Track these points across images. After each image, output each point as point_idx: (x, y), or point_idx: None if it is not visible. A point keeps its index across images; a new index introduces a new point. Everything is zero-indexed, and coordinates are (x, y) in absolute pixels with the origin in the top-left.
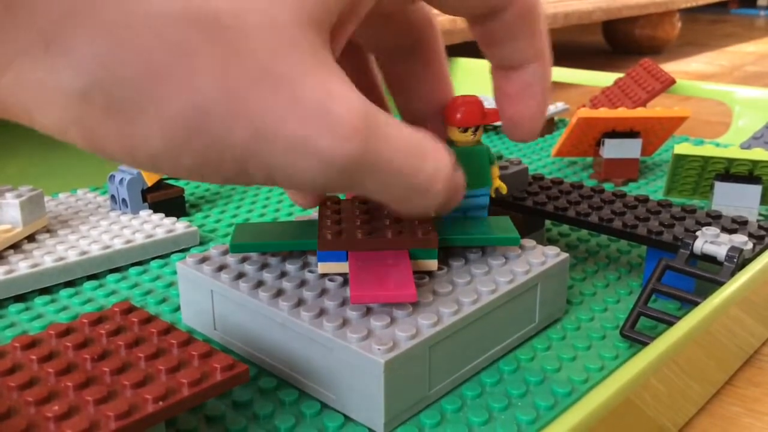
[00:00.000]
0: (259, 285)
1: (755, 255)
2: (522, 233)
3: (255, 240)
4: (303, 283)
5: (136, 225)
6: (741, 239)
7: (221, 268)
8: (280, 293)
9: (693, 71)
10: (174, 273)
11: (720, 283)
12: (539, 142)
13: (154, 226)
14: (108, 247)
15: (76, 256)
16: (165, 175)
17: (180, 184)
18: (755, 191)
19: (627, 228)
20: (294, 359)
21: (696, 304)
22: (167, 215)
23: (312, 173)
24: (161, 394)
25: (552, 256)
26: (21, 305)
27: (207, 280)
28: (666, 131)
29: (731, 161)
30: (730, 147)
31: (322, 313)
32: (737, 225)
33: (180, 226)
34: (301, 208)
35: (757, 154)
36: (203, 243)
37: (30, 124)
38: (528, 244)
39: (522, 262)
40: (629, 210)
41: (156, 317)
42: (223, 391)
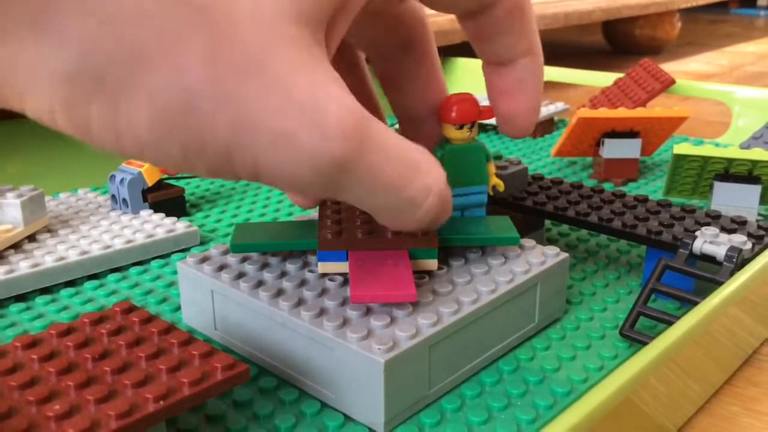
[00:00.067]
0: (260, 285)
1: (754, 255)
2: (522, 233)
3: (255, 240)
4: (303, 283)
5: (136, 225)
6: (740, 239)
7: (222, 267)
8: (280, 293)
9: (693, 71)
10: (174, 273)
11: (719, 283)
12: (539, 141)
13: (154, 225)
14: (108, 247)
15: (76, 255)
16: (164, 176)
17: (180, 183)
18: (755, 191)
19: (626, 228)
20: (294, 359)
21: (695, 303)
22: (168, 215)
23: (296, 171)
24: (162, 393)
25: (552, 255)
26: (22, 305)
27: (207, 279)
28: (666, 131)
29: (731, 161)
30: (729, 147)
31: (322, 313)
32: (736, 225)
33: (180, 226)
34: (301, 208)
35: (757, 154)
36: (203, 243)
37: (21, 108)
38: (528, 243)
39: (522, 261)
40: (629, 210)
41: (156, 317)
42: (224, 391)
